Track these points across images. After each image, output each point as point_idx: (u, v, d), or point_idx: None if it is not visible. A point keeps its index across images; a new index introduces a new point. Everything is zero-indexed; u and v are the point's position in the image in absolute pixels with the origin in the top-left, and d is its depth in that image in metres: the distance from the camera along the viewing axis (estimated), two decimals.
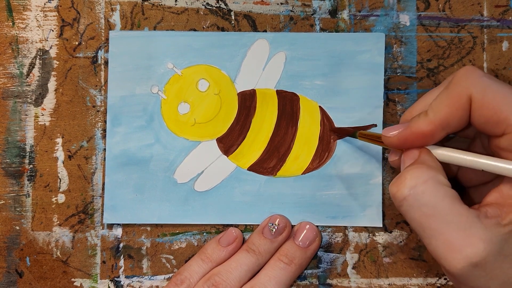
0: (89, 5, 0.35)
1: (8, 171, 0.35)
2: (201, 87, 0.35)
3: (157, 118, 0.35)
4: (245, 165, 0.35)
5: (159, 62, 0.35)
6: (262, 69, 0.35)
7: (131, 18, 0.35)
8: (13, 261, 0.35)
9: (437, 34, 0.35)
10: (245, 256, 0.33)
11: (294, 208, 0.35)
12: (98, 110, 0.35)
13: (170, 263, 0.35)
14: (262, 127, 0.35)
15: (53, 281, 0.35)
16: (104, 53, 0.35)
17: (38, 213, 0.35)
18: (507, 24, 0.35)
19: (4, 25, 0.36)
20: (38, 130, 0.35)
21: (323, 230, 0.35)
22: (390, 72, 0.35)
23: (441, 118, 0.27)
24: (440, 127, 0.27)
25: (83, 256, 0.35)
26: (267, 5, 0.35)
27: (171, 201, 0.35)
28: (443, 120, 0.27)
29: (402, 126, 0.28)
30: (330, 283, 0.35)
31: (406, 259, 0.35)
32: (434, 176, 0.26)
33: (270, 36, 0.35)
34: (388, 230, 0.35)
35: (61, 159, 0.35)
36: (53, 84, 0.35)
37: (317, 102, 0.35)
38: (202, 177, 0.35)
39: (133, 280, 0.35)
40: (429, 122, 0.28)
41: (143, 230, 0.35)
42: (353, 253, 0.35)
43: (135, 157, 0.35)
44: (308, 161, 0.35)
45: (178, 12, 0.35)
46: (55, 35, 0.36)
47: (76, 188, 0.35)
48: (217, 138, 0.35)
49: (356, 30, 0.35)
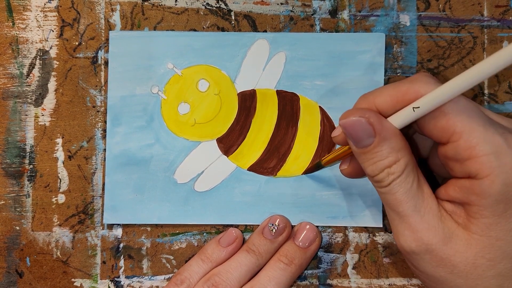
0: (89, 5, 0.36)
1: (8, 171, 0.35)
2: (201, 87, 0.35)
3: (157, 118, 0.35)
4: (245, 165, 0.35)
5: (159, 62, 0.35)
6: (262, 69, 0.35)
7: (131, 18, 0.35)
8: (13, 261, 0.35)
9: (437, 34, 0.35)
10: (245, 256, 0.33)
11: (294, 208, 0.35)
12: (98, 110, 0.35)
13: (170, 263, 0.35)
14: (262, 127, 0.35)
15: (53, 281, 0.35)
16: (104, 53, 0.35)
17: (38, 213, 0.35)
18: (508, 24, 0.35)
19: (4, 26, 0.36)
20: (38, 130, 0.35)
21: (323, 230, 0.35)
22: (390, 72, 0.35)
23: (380, 103, 0.27)
24: (376, 112, 0.27)
25: (83, 256, 0.35)
26: (267, 5, 0.35)
27: (171, 201, 0.35)
28: (381, 105, 0.27)
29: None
30: (330, 283, 0.35)
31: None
32: (408, 162, 0.27)
33: (270, 36, 0.35)
34: (388, 230, 0.35)
35: (61, 159, 0.35)
36: (53, 84, 0.35)
37: (317, 102, 0.35)
38: (202, 177, 0.35)
39: (133, 280, 0.35)
40: (367, 102, 0.28)
41: (143, 231, 0.35)
42: (353, 253, 0.35)
43: (135, 157, 0.35)
44: (308, 161, 0.35)
45: (178, 12, 0.35)
46: (55, 35, 0.36)
47: (76, 188, 0.35)
48: (217, 138, 0.35)
49: (356, 30, 0.35)
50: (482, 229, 0.26)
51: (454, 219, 0.27)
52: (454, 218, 0.27)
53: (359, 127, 0.27)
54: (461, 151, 0.26)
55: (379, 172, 0.27)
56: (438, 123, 0.26)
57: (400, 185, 0.27)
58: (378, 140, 0.27)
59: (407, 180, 0.27)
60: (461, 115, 0.25)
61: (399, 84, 0.27)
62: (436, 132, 0.26)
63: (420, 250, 0.27)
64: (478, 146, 0.25)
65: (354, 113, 0.27)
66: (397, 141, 0.27)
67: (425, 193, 0.27)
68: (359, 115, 0.27)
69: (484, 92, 0.35)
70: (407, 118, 0.27)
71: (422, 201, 0.27)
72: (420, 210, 0.27)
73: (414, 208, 0.27)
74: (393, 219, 0.28)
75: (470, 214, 0.26)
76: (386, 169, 0.27)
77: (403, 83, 0.27)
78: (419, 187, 0.27)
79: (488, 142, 0.25)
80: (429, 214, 0.27)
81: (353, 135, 0.27)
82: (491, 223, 0.26)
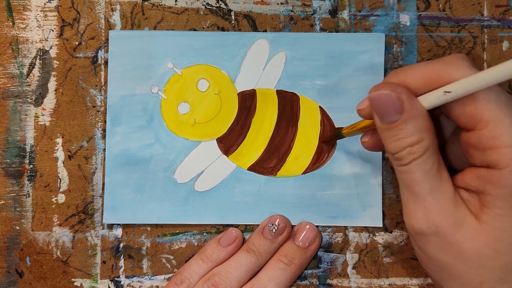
0: (89, 5, 0.36)
1: (8, 171, 0.35)
2: (201, 87, 0.35)
3: (157, 118, 0.35)
4: (245, 165, 0.35)
5: (159, 62, 0.35)
6: (262, 69, 0.35)
7: (131, 18, 0.35)
8: (13, 261, 0.35)
9: (437, 34, 0.35)
10: (245, 256, 0.33)
11: (294, 208, 0.35)
12: (98, 110, 0.35)
13: (170, 263, 0.35)
14: (262, 127, 0.35)
15: (53, 281, 0.35)
16: (104, 53, 0.35)
17: (38, 213, 0.35)
18: (508, 24, 0.35)
19: (4, 25, 0.36)
20: (38, 130, 0.35)
21: (323, 230, 0.35)
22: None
23: (412, 82, 0.27)
24: (407, 89, 0.27)
25: (83, 256, 0.35)
26: (267, 5, 0.35)
27: (171, 201, 0.35)
28: (412, 84, 0.27)
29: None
30: (330, 283, 0.35)
31: (406, 259, 0.35)
32: (430, 144, 0.27)
33: (270, 36, 0.35)
34: (388, 230, 0.35)
35: (61, 159, 0.35)
36: (53, 84, 0.35)
37: (317, 102, 0.35)
38: (202, 177, 0.35)
39: (133, 280, 0.35)
40: (398, 79, 0.27)
41: (143, 230, 0.35)
42: (353, 253, 0.35)
43: (135, 157, 0.35)
44: (308, 161, 0.35)
45: (178, 12, 0.35)
46: (55, 35, 0.36)
47: (76, 188, 0.35)
48: (217, 138, 0.35)
49: (356, 30, 0.35)
50: (493, 219, 0.26)
51: (468, 207, 0.27)
52: (468, 206, 0.27)
53: (388, 102, 0.26)
54: (484, 140, 0.25)
55: (400, 150, 0.27)
56: (466, 109, 0.26)
57: (419, 165, 0.27)
58: (405, 117, 0.26)
59: (427, 162, 0.27)
60: (491, 104, 0.25)
61: (432, 64, 0.27)
62: (463, 118, 0.26)
63: (430, 232, 0.27)
64: (502, 137, 0.25)
65: (385, 86, 0.26)
66: (423, 121, 0.26)
67: (443, 177, 0.27)
68: (390, 89, 0.26)
69: None
70: (437, 100, 0.26)
71: (440, 185, 0.27)
72: (436, 193, 0.27)
73: (430, 190, 0.27)
74: (407, 199, 0.28)
75: (484, 204, 0.26)
76: (408, 147, 0.26)
77: (437, 64, 0.27)
78: (438, 171, 0.27)
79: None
80: (445, 198, 0.27)
81: (381, 109, 0.27)
82: (502, 214, 0.26)
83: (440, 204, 0.27)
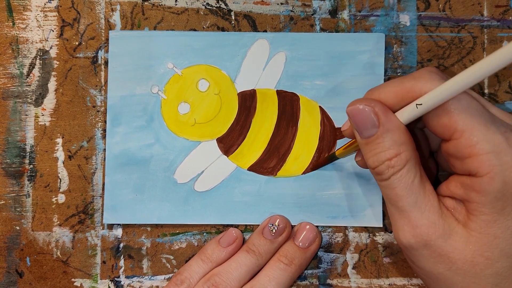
0: (89, 5, 0.36)
1: (8, 171, 0.35)
2: (201, 87, 0.35)
3: (157, 118, 0.35)
4: (245, 165, 0.35)
5: (159, 62, 0.35)
6: (262, 69, 0.35)
7: (131, 18, 0.35)
8: (13, 261, 0.35)
9: (437, 34, 0.35)
10: (245, 256, 0.33)
11: (294, 208, 0.35)
12: (98, 110, 0.35)
13: (170, 263, 0.35)
14: (262, 127, 0.35)
15: (53, 281, 0.35)
16: (104, 53, 0.35)
17: (38, 213, 0.35)
18: (507, 24, 0.35)
19: (4, 25, 0.36)
20: (38, 130, 0.35)
21: (323, 230, 0.35)
22: (390, 72, 0.35)
23: (385, 99, 0.27)
24: (382, 104, 0.27)
25: (83, 256, 0.35)
26: (267, 5, 0.35)
27: (171, 201, 0.35)
28: (386, 101, 0.27)
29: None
30: (330, 283, 0.35)
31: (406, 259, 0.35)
32: (409, 158, 0.27)
33: (270, 36, 0.35)
34: (388, 230, 0.35)
35: (61, 159, 0.35)
36: (53, 84, 0.35)
37: (317, 102, 0.35)
38: (202, 177, 0.35)
39: (133, 280, 0.35)
40: (373, 97, 0.28)
41: (143, 230, 0.35)
42: (353, 253, 0.35)
43: (135, 157, 0.35)
44: (308, 161, 0.35)
45: (178, 12, 0.35)
46: (55, 35, 0.36)
47: (76, 188, 0.35)
48: (217, 138, 0.35)
49: (356, 30, 0.35)
50: (481, 226, 0.26)
51: (454, 216, 0.27)
52: (454, 215, 0.27)
53: (364, 116, 0.27)
54: (462, 149, 0.26)
55: (379, 164, 0.27)
56: (440, 120, 0.26)
57: (400, 179, 0.27)
58: (381, 131, 0.27)
59: (408, 175, 0.27)
60: (463, 113, 0.25)
61: (403, 80, 0.27)
62: (439, 129, 0.26)
63: (419, 246, 0.27)
64: (478, 144, 0.25)
65: (361, 101, 0.27)
66: (400, 135, 0.27)
67: (427, 189, 0.27)
68: (365, 103, 0.27)
69: (484, 92, 0.35)
70: (411, 114, 0.27)
71: (423, 197, 0.27)
72: (421, 206, 0.27)
73: (414, 203, 0.27)
74: (392, 214, 0.28)
75: (470, 211, 0.26)
76: (387, 161, 0.27)
77: (407, 79, 0.27)
78: (421, 184, 0.27)
79: (488, 141, 0.25)
80: (430, 210, 0.27)
81: (358, 123, 0.27)
82: (489, 220, 0.26)
83: (425, 217, 0.27)
